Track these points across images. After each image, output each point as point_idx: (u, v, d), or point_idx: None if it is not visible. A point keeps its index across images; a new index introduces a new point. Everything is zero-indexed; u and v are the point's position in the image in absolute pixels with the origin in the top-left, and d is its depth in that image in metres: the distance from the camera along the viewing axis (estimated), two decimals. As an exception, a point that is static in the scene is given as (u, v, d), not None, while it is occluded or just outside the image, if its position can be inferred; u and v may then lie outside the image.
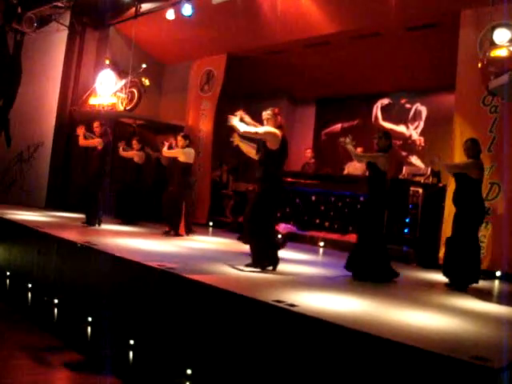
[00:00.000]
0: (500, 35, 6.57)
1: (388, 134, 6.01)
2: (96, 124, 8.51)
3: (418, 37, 9.18)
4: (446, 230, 7.42)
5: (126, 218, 9.69)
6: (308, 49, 10.65)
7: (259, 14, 9.70)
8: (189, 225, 8.64)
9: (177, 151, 8.47)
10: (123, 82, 11.48)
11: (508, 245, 6.64)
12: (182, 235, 8.39)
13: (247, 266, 5.50)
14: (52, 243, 6.43)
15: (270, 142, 5.51)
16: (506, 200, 6.92)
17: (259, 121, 5.78)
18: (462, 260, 5.57)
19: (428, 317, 4.08)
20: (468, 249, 5.64)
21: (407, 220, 8.30)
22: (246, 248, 7.60)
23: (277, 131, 5.51)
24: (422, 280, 6.46)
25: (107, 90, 11.61)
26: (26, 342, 5.16)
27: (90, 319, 5.47)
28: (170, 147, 8.67)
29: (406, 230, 8.29)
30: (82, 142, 8.83)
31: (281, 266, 5.63)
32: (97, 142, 8.44)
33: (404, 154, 11.93)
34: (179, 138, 8.60)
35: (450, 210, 7.55)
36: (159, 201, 10.34)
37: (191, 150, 8.54)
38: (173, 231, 8.40)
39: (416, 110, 11.97)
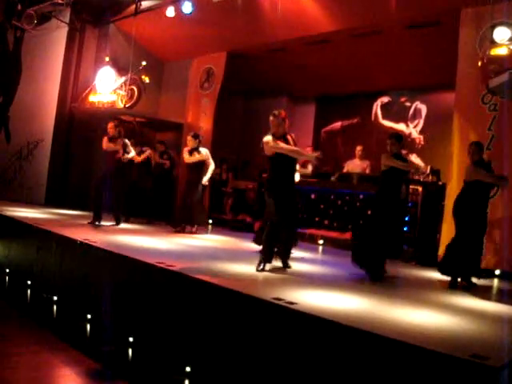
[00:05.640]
0: (500, 34, 6.56)
1: (400, 137, 6.09)
2: (110, 125, 8.50)
3: (419, 35, 9.16)
4: (446, 228, 7.43)
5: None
6: (308, 47, 10.62)
7: (259, 12, 9.67)
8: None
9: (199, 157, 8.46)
10: (123, 79, 11.46)
11: (507, 243, 6.65)
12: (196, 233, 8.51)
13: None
14: (51, 240, 6.44)
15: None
16: (504, 199, 6.92)
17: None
18: (463, 254, 5.62)
19: (427, 315, 4.09)
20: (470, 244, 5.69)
21: (406, 218, 8.29)
22: (244, 246, 7.62)
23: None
24: (421, 278, 6.46)
25: (107, 88, 11.59)
26: (26, 338, 5.16)
27: (89, 316, 5.48)
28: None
29: (405, 229, 8.28)
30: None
31: (280, 264, 5.64)
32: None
33: (404, 152, 11.92)
34: (189, 137, 8.58)
35: (451, 208, 7.58)
36: (162, 198, 10.33)
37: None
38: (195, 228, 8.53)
39: (416, 108, 11.96)
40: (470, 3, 7.58)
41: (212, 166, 8.67)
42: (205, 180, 8.55)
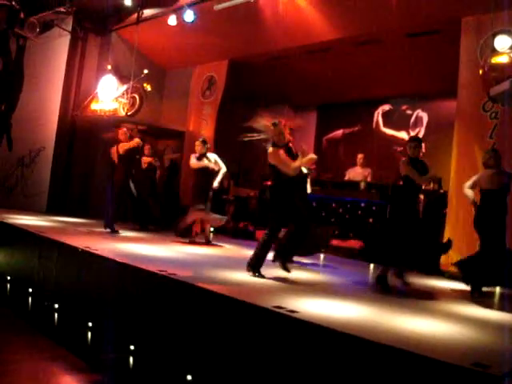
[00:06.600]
0: (501, 42, 6.59)
1: (419, 140, 5.86)
2: (121, 131, 8.60)
3: (419, 43, 9.20)
4: (448, 236, 7.41)
5: (142, 222, 9.72)
6: (309, 55, 10.68)
7: (261, 21, 9.72)
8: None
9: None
10: (125, 87, 11.50)
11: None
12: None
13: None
14: (53, 248, 6.44)
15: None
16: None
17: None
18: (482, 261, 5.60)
19: (429, 323, 4.07)
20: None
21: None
22: (246, 254, 7.60)
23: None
24: (423, 286, 6.44)
25: (109, 96, 11.63)
26: (27, 346, 5.15)
27: (90, 324, 5.47)
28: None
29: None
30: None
31: (281, 272, 5.63)
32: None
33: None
34: (197, 143, 8.46)
35: (452, 216, 7.57)
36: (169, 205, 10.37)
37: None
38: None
39: (417, 116, 12.00)
40: (470, 12, 7.62)
41: (223, 170, 8.46)
42: (215, 184, 8.38)
